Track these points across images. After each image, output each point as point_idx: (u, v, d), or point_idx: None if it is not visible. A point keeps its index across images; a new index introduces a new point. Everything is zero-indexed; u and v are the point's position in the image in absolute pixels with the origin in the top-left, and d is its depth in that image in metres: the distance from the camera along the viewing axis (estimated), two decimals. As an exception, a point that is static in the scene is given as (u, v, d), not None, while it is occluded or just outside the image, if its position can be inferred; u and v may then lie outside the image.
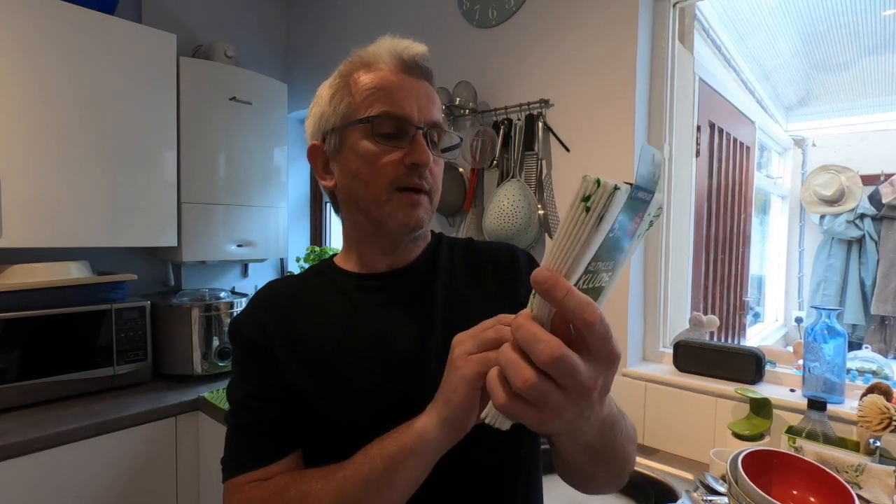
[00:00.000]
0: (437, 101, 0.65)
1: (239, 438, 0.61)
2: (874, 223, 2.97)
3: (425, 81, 0.64)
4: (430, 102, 0.63)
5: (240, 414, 0.62)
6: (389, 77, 0.61)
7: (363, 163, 0.61)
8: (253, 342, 0.62)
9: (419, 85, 0.63)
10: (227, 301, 1.91)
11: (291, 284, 0.70)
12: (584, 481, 0.60)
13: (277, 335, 0.62)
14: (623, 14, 1.38)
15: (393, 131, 0.61)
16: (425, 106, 0.62)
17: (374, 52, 0.63)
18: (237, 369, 0.65)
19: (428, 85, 0.64)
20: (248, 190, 2.06)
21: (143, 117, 1.75)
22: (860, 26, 2.20)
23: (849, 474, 0.93)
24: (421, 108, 0.62)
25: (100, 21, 1.65)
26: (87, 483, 1.45)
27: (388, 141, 0.60)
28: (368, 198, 0.61)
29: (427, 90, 0.64)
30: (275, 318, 0.63)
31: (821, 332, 1.17)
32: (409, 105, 0.61)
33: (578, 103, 1.47)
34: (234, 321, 0.66)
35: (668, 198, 1.46)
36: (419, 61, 0.63)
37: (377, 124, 0.60)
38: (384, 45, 0.63)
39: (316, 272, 0.71)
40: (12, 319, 1.49)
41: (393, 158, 0.60)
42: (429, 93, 0.64)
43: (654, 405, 1.37)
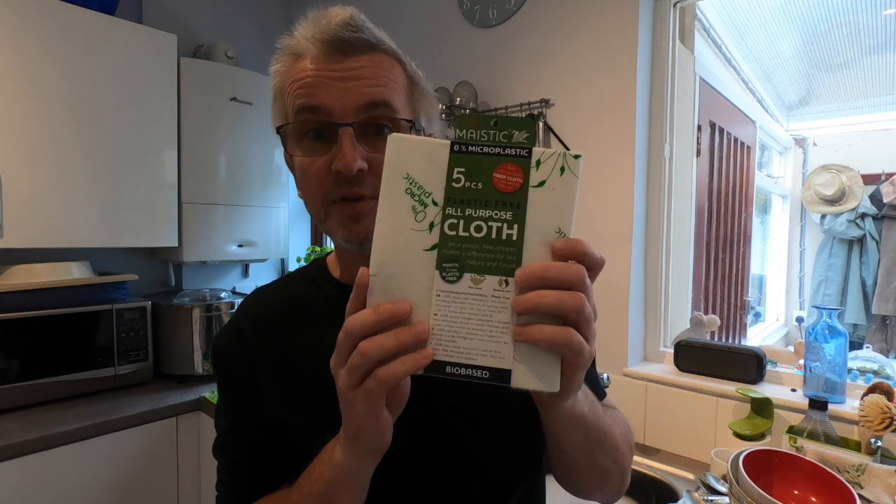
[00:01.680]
0: (381, 76, 0.51)
1: (222, 476, 0.60)
2: (875, 223, 2.97)
3: (362, 55, 0.50)
4: (364, 84, 0.50)
5: (222, 450, 0.61)
6: (310, 67, 0.50)
7: (299, 176, 0.54)
8: (234, 371, 0.59)
9: (348, 65, 0.50)
10: (227, 301, 1.92)
11: (278, 294, 0.64)
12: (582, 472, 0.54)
13: (261, 359, 0.58)
14: (624, 14, 1.38)
15: (317, 133, 0.51)
16: (352, 91, 0.49)
17: (298, 38, 0.52)
18: (220, 396, 0.62)
19: (367, 58, 0.51)
20: (249, 190, 2.06)
21: (143, 117, 1.75)
22: (861, 26, 2.19)
23: (850, 474, 0.93)
24: (346, 95, 0.49)
25: (100, 21, 1.65)
26: (88, 483, 1.45)
27: (314, 147, 0.51)
28: (314, 213, 0.54)
29: (362, 67, 0.50)
30: (259, 342, 0.59)
31: (822, 331, 1.17)
32: (329, 97, 0.49)
33: (579, 103, 1.47)
34: (215, 341, 0.62)
35: (668, 197, 1.46)
36: (343, 34, 0.49)
37: (296, 127, 0.52)
38: (305, 26, 0.52)
39: (307, 279, 0.64)
40: (13, 320, 1.49)
41: (321, 167, 0.51)
42: (364, 70, 0.50)
43: (655, 405, 1.37)
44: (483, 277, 0.35)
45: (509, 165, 0.36)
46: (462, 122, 0.37)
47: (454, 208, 0.36)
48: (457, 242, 0.36)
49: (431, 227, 0.36)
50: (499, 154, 0.36)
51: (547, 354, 0.35)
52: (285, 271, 2.56)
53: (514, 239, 0.35)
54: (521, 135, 0.36)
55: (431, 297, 0.36)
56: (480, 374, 0.35)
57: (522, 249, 0.35)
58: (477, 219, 0.36)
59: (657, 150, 1.45)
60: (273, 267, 2.55)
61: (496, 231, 0.36)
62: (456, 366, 0.35)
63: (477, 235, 0.36)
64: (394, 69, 0.53)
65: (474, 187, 0.36)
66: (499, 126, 0.37)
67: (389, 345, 0.34)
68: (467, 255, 0.36)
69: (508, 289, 0.35)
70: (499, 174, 0.36)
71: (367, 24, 0.52)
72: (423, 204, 0.36)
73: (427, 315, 0.36)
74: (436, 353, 0.35)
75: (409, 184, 0.36)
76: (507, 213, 0.35)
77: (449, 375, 0.35)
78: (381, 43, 0.52)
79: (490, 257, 0.35)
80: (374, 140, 0.51)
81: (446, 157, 0.36)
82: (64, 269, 1.61)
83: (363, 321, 0.35)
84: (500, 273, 0.35)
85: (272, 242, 2.16)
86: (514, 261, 0.35)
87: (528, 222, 0.35)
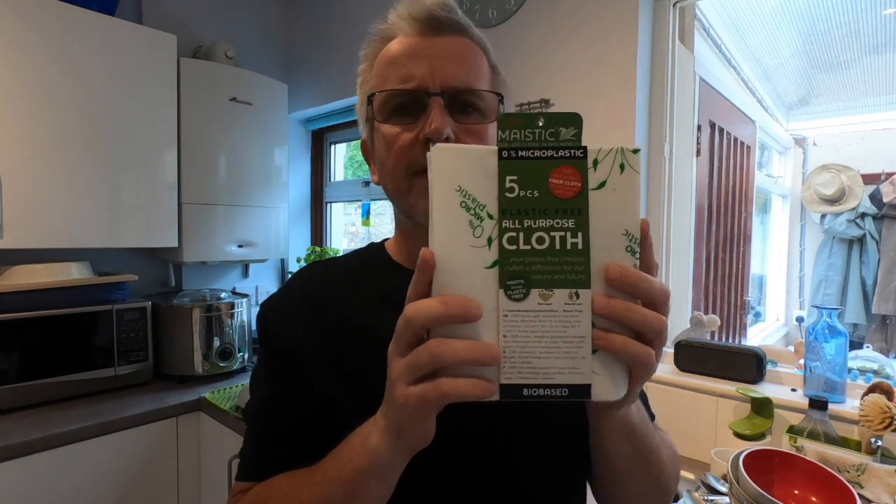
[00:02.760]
0: (469, 58, 0.53)
1: (249, 443, 0.57)
2: (875, 222, 2.97)
3: (452, 36, 0.53)
4: (453, 62, 0.52)
5: (255, 416, 0.58)
6: (404, 43, 0.53)
7: (384, 149, 0.54)
8: (279, 340, 0.57)
9: (439, 43, 0.52)
10: (227, 301, 1.92)
11: (333, 272, 0.62)
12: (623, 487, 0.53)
13: (309, 335, 0.56)
14: (623, 14, 1.38)
15: (406, 105, 0.52)
16: (443, 66, 0.51)
17: (391, 22, 0.55)
18: (260, 362, 0.60)
19: (456, 40, 0.53)
20: (249, 190, 2.06)
21: (143, 118, 1.75)
22: (861, 25, 2.19)
23: (850, 474, 0.93)
24: (437, 69, 0.51)
25: (100, 22, 1.65)
26: (88, 483, 1.45)
27: (403, 118, 0.52)
28: (394, 189, 0.54)
29: (451, 47, 0.52)
30: (308, 312, 0.57)
31: (822, 331, 1.17)
32: (420, 69, 0.51)
33: (579, 103, 1.47)
34: (263, 306, 0.60)
35: (668, 197, 1.46)
36: (437, 14, 0.52)
37: (388, 100, 0.52)
38: (398, 8, 0.54)
39: (362, 260, 0.63)
40: (14, 320, 1.49)
41: (409, 138, 0.51)
42: (454, 49, 0.52)
43: (656, 405, 1.36)
44: (552, 292, 0.33)
45: (565, 169, 0.33)
46: (504, 123, 0.34)
47: (511, 220, 0.33)
48: (519, 257, 0.33)
49: (490, 243, 0.33)
50: (552, 157, 0.33)
51: (620, 364, 0.34)
52: (285, 271, 2.56)
53: (579, 248, 0.33)
54: (570, 131, 0.34)
55: (498, 318, 0.33)
56: (560, 393, 0.34)
57: (590, 258, 0.33)
58: (537, 229, 0.33)
59: (657, 149, 1.45)
60: (273, 267, 2.55)
61: (560, 241, 0.33)
62: (534, 387, 0.34)
63: (539, 247, 0.33)
64: (479, 56, 0.55)
65: (530, 195, 0.33)
66: (545, 124, 0.34)
67: (465, 355, 0.32)
68: (532, 269, 0.33)
69: (580, 301, 0.33)
70: (555, 179, 0.33)
71: (458, 10, 0.54)
72: (479, 217, 0.33)
73: (495, 338, 0.33)
74: (509, 377, 0.33)
75: (462, 196, 0.33)
76: (568, 221, 0.33)
77: (527, 398, 0.34)
78: (470, 27, 0.55)
79: (556, 269, 0.33)
80: (459, 116, 0.52)
81: (496, 165, 0.33)
82: (64, 270, 1.61)
83: (428, 310, 0.33)
84: (569, 285, 0.33)
85: (272, 243, 2.16)
86: (583, 271, 0.33)
87: (592, 228, 0.33)
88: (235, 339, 1.91)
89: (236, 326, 1.92)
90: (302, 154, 2.60)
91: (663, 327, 0.34)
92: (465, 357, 0.32)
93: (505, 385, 0.34)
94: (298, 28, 2.45)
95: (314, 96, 2.36)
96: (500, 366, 0.33)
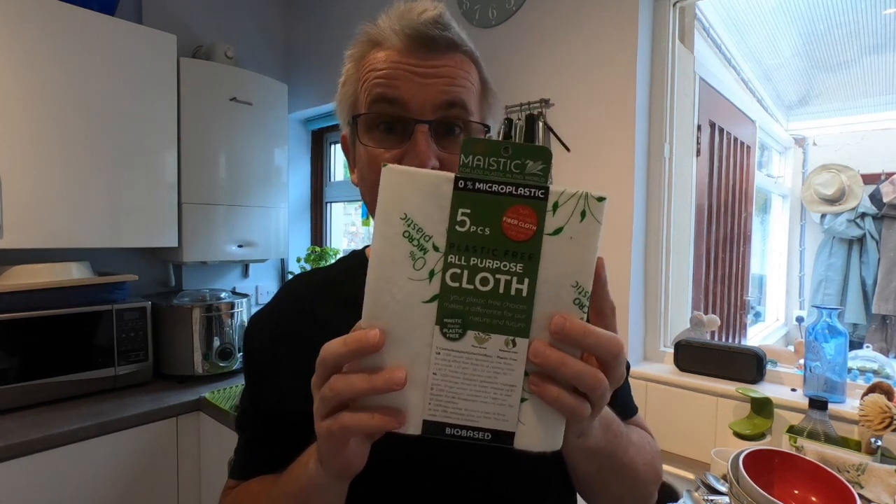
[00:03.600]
0: (461, 77, 0.51)
1: (239, 445, 0.63)
2: (875, 222, 2.97)
3: (444, 55, 0.51)
4: (442, 85, 0.50)
5: (240, 424, 0.63)
6: (392, 58, 0.51)
7: (365, 164, 0.53)
8: (259, 354, 0.60)
9: (430, 63, 0.50)
10: (227, 301, 1.92)
11: (318, 281, 0.64)
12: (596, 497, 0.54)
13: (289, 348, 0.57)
14: (623, 13, 1.38)
15: (391, 126, 0.51)
16: (432, 91, 0.50)
17: (381, 27, 0.52)
18: (244, 375, 0.64)
19: (448, 58, 0.51)
20: (249, 190, 2.06)
21: (143, 118, 1.75)
22: (861, 25, 2.19)
23: (850, 474, 0.93)
24: (425, 94, 0.49)
25: (100, 22, 1.65)
26: (88, 483, 1.45)
27: (388, 137, 0.51)
28: (371, 202, 0.53)
29: (442, 68, 0.50)
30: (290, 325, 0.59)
31: (822, 331, 1.17)
32: (409, 90, 0.49)
33: (579, 103, 1.47)
34: (249, 322, 0.63)
35: (668, 197, 1.46)
36: (431, 31, 0.50)
37: (372, 118, 0.51)
38: (391, 17, 0.52)
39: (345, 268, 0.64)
40: (13, 320, 1.49)
41: (390, 159, 0.50)
42: (444, 72, 0.50)
43: (656, 405, 1.37)
44: (488, 336, 0.32)
45: (521, 209, 0.31)
46: (468, 147, 0.32)
47: (457, 256, 0.31)
48: (460, 295, 0.32)
49: (431, 276, 0.32)
50: (510, 194, 0.31)
51: (552, 415, 0.33)
52: (285, 271, 2.56)
53: (524, 295, 0.32)
54: (536, 165, 0.32)
55: (430, 354, 0.32)
56: (483, 437, 0.33)
57: (533, 306, 0.32)
58: (483, 269, 0.31)
59: (657, 149, 1.45)
60: (273, 267, 2.55)
61: (504, 285, 0.31)
62: (456, 427, 0.33)
63: (482, 289, 0.31)
64: (472, 71, 0.53)
65: (481, 233, 0.31)
66: (511, 154, 0.32)
67: (360, 386, 0.32)
68: (471, 310, 0.32)
69: (516, 349, 0.32)
70: (509, 219, 0.31)
71: (452, 24, 0.52)
72: (423, 249, 0.32)
73: (425, 373, 0.32)
74: (433, 414, 0.33)
75: (406, 225, 0.31)
76: (516, 266, 0.31)
77: (448, 437, 0.33)
78: (463, 44, 0.53)
79: (497, 314, 0.32)
80: (444, 140, 0.51)
81: (449, 195, 0.31)
82: (64, 270, 1.61)
83: (333, 351, 0.33)
84: (506, 332, 0.32)
85: (272, 243, 2.16)
86: (524, 319, 0.32)
87: (540, 275, 0.31)
88: (235, 339, 1.91)
89: (236, 326, 1.92)
90: (302, 154, 2.60)
91: (598, 384, 0.32)
92: (361, 389, 0.32)
93: (428, 421, 0.33)
94: (298, 28, 2.45)
95: (314, 96, 2.36)
96: (426, 401, 0.33)
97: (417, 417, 0.33)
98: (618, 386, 0.35)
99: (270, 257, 2.22)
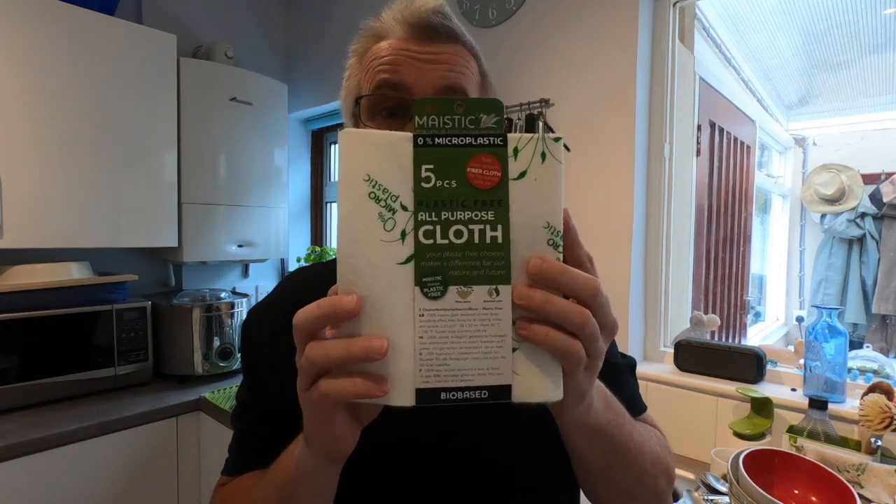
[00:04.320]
0: (460, 65, 0.53)
1: (234, 440, 0.62)
2: (875, 222, 2.97)
3: (444, 44, 0.53)
4: (443, 69, 0.51)
5: (237, 417, 0.62)
6: (395, 47, 0.52)
7: None
8: (258, 349, 0.60)
9: (431, 49, 0.52)
10: (227, 301, 1.92)
11: (319, 275, 0.64)
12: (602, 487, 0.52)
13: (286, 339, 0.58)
14: (623, 13, 1.38)
15: (393, 109, 0.52)
16: (433, 74, 0.51)
17: (384, 20, 0.54)
18: (243, 368, 0.64)
19: (448, 47, 0.53)
20: (249, 190, 2.06)
21: (143, 118, 1.75)
22: (861, 25, 2.19)
23: (850, 473, 0.93)
24: (426, 76, 0.51)
25: (100, 22, 1.65)
26: (88, 483, 1.45)
27: (390, 121, 0.52)
28: None
29: (443, 55, 0.52)
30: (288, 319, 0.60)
31: (822, 331, 1.17)
32: (410, 75, 0.51)
33: (579, 103, 1.47)
34: (248, 314, 0.63)
35: (668, 197, 1.46)
36: (432, 20, 0.52)
37: (375, 101, 0.52)
38: (393, 9, 0.54)
39: None
40: (13, 320, 1.49)
41: None
42: (445, 57, 0.52)
43: (656, 405, 1.37)
44: (470, 289, 0.31)
45: (484, 157, 0.31)
46: (420, 108, 0.32)
47: (427, 213, 0.31)
48: (435, 252, 0.31)
49: (404, 237, 0.31)
50: (470, 145, 0.31)
51: (548, 362, 0.32)
52: (285, 271, 2.56)
53: (499, 241, 0.31)
54: (491, 118, 0.32)
55: (413, 318, 0.31)
56: (479, 395, 0.32)
57: (510, 252, 0.32)
58: (455, 222, 0.31)
59: (657, 149, 1.45)
60: (273, 267, 2.55)
61: (479, 234, 0.31)
62: (451, 390, 0.32)
63: (457, 242, 0.31)
64: (471, 62, 0.55)
65: (447, 186, 0.31)
66: (464, 110, 0.32)
67: (336, 353, 0.31)
68: (449, 265, 0.31)
69: (500, 298, 0.31)
70: (473, 168, 0.31)
71: (453, 16, 0.54)
72: (391, 209, 0.31)
73: (411, 339, 0.31)
74: (427, 381, 0.32)
75: (371, 186, 0.31)
76: (488, 213, 0.31)
77: (445, 402, 0.32)
78: (463, 35, 0.54)
79: (476, 265, 0.31)
80: None
81: (410, 153, 0.31)
82: (64, 270, 1.61)
83: (306, 315, 0.32)
84: (488, 282, 0.31)
85: (272, 242, 2.16)
86: (503, 266, 0.31)
87: (512, 221, 0.31)
88: (235, 339, 1.91)
89: (236, 326, 1.92)
90: (302, 154, 2.60)
91: (585, 321, 0.32)
92: (336, 357, 0.31)
93: (421, 389, 0.32)
94: (298, 28, 2.45)
95: (314, 96, 2.36)
96: (416, 369, 0.31)
97: (409, 387, 0.32)
98: (611, 337, 0.35)
99: (270, 257, 2.22)
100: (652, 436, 0.56)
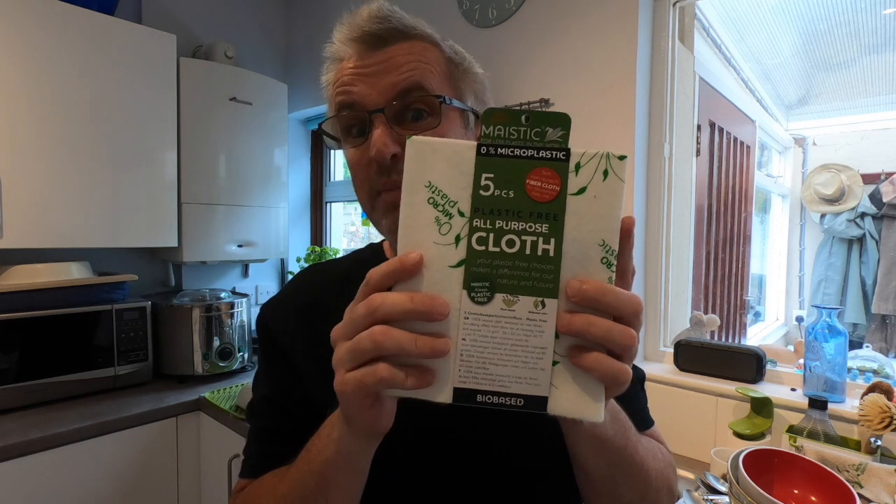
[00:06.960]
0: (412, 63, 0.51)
1: (251, 441, 0.60)
2: (875, 222, 2.97)
3: (393, 45, 0.51)
4: (392, 71, 0.50)
5: (256, 414, 0.61)
6: (346, 67, 0.53)
7: (350, 169, 0.55)
8: (277, 343, 0.59)
9: (377, 57, 0.51)
10: (227, 301, 1.91)
11: (329, 272, 0.64)
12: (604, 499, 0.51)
13: (304, 338, 0.57)
14: (623, 13, 1.38)
15: (354, 125, 0.53)
16: (381, 80, 0.50)
17: (336, 43, 0.55)
18: (261, 363, 0.63)
19: (398, 47, 0.51)
20: (249, 190, 2.06)
21: (143, 117, 1.75)
22: (861, 25, 2.19)
23: (850, 473, 0.93)
24: (375, 84, 0.50)
25: (100, 21, 1.64)
26: (88, 483, 1.45)
27: (357, 139, 0.53)
28: (361, 204, 0.56)
29: (390, 57, 0.51)
30: (303, 316, 0.59)
31: (822, 331, 1.17)
32: (360, 92, 0.51)
33: (578, 103, 1.47)
34: (263, 308, 0.63)
35: (668, 197, 1.46)
36: (370, 27, 0.51)
37: (341, 122, 0.54)
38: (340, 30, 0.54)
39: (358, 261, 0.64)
40: (13, 320, 1.49)
41: (364, 160, 0.52)
42: (393, 59, 0.51)
43: (655, 404, 1.36)
44: (517, 298, 0.32)
45: (544, 171, 0.32)
46: (487, 118, 0.33)
47: (483, 220, 0.32)
48: (486, 258, 0.32)
49: (458, 241, 0.32)
50: (532, 157, 0.32)
51: (591, 383, 0.33)
52: (285, 271, 2.56)
53: (550, 255, 0.32)
54: (556, 132, 0.33)
55: (459, 320, 0.32)
56: (515, 402, 0.32)
57: (561, 266, 0.32)
58: (509, 232, 0.32)
59: (657, 149, 1.45)
60: (273, 267, 2.55)
61: (530, 246, 0.32)
62: (488, 394, 0.32)
63: (509, 251, 0.32)
64: (428, 52, 0.53)
65: (505, 196, 0.32)
66: (530, 122, 0.32)
67: (407, 346, 0.31)
68: (499, 272, 0.32)
69: (545, 311, 0.32)
70: (532, 181, 0.32)
71: (395, 14, 0.52)
72: (448, 215, 0.32)
73: (454, 340, 0.32)
74: (464, 381, 0.32)
75: (431, 192, 0.32)
76: (542, 226, 0.32)
77: (480, 404, 0.33)
78: (411, 29, 0.52)
79: (524, 276, 0.32)
80: (412, 125, 0.51)
81: (472, 162, 0.32)
82: (64, 269, 1.61)
83: (394, 303, 0.32)
84: (535, 293, 0.32)
85: (272, 242, 2.16)
86: (552, 280, 0.32)
87: (566, 235, 0.32)
88: (235, 339, 1.91)
89: (236, 326, 1.92)
90: (302, 154, 2.60)
91: (630, 341, 0.32)
92: (407, 348, 0.31)
93: (459, 389, 0.33)
94: (298, 28, 2.45)
95: (314, 96, 2.36)
96: (456, 368, 0.32)
97: (448, 385, 0.33)
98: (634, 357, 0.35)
99: (270, 257, 2.22)
100: (657, 451, 0.56)
